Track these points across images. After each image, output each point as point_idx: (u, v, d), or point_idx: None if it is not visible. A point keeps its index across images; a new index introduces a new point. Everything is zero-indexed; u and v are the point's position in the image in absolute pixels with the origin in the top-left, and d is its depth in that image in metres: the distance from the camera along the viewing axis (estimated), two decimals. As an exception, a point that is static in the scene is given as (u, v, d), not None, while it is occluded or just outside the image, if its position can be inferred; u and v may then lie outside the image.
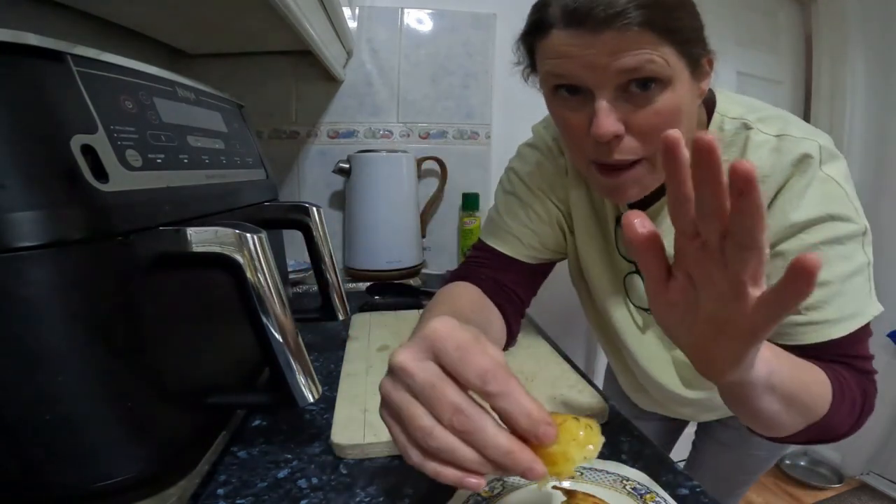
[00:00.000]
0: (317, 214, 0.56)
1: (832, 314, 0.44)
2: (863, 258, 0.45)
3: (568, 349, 0.70)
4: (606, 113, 0.41)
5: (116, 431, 0.30)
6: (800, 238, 0.45)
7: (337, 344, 0.68)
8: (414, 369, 0.26)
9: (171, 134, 0.38)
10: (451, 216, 1.25)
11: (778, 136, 0.46)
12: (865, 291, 0.45)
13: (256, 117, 0.89)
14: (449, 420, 0.25)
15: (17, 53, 0.26)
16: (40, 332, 0.27)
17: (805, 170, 0.45)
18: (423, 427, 0.25)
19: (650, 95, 0.41)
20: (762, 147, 0.47)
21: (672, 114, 0.42)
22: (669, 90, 0.41)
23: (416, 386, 0.26)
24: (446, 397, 0.25)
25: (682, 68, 0.42)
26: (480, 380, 0.25)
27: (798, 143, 0.45)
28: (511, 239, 0.62)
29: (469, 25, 1.16)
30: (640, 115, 0.42)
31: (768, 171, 0.46)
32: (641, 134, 0.43)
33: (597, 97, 0.42)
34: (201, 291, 0.40)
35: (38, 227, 0.26)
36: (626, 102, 0.42)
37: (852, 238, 0.44)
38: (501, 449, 0.25)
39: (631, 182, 0.46)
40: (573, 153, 0.50)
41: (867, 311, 0.45)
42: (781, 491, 1.59)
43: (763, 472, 0.79)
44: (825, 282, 0.44)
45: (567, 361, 0.61)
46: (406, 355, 0.27)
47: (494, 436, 0.25)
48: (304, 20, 0.66)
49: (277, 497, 0.38)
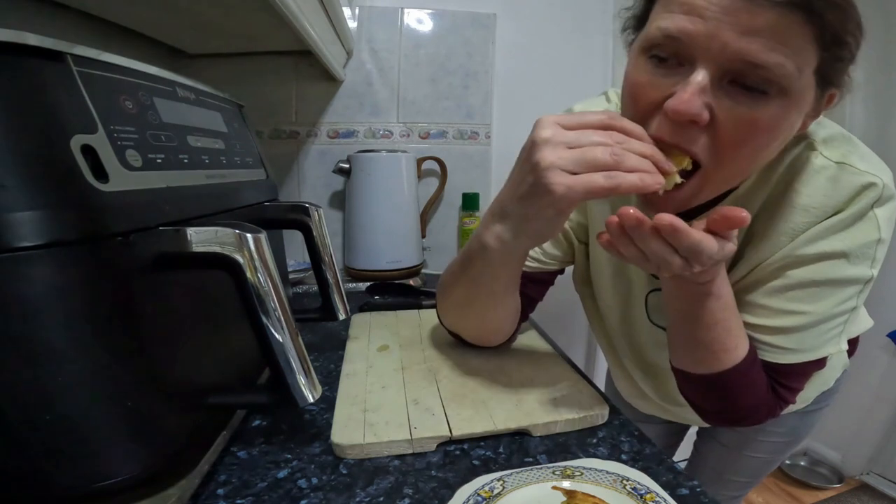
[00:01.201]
0: (317, 214, 0.56)
1: (793, 344, 0.45)
2: (852, 304, 0.44)
3: (568, 349, 0.70)
4: (698, 88, 0.34)
5: (116, 431, 0.30)
6: (810, 269, 0.43)
7: (337, 344, 0.68)
8: (570, 133, 0.36)
9: (171, 134, 0.38)
10: (451, 216, 1.26)
11: (839, 164, 0.42)
12: (836, 333, 0.45)
13: (256, 117, 0.89)
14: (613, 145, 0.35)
15: (17, 53, 0.26)
16: (40, 332, 0.27)
17: (857, 205, 0.41)
18: (605, 155, 0.35)
19: (758, 98, 0.34)
20: (820, 174, 0.42)
21: (768, 133, 0.36)
22: (782, 104, 0.35)
23: (578, 139, 0.36)
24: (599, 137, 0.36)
25: (809, 88, 0.35)
26: (602, 125, 0.36)
27: (858, 177, 0.41)
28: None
29: (469, 25, 1.16)
30: (733, 117, 0.35)
31: (821, 202, 0.42)
32: (719, 139, 0.36)
33: (698, 67, 0.34)
34: (201, 291, 0.40)
35: (38, 227, 0.26)
36: (726, 95, 0.35)
37: (854, 284, 0.43)
38: (648, 150, 0.36)
39: (677, 199, 0.40)
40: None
41: (825, 349, 0.46)
42: (781, 491, 1.59)
43: (765, 474, 0.79)
44: (806, 313, 0.44)
45: (567, 361, 0.61)
46: (550, 127, 0.37)
47: (640, 146, 0.36)
48: (304, 20, 0.66)
49: (277, 497, 0.38)
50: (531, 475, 0.39)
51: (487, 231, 0.44)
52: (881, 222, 0.42)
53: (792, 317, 0.44)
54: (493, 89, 1.20)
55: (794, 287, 0.44)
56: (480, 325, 0.58)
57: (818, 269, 0.43)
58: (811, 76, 0.35)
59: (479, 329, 0.59)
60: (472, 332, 0.60)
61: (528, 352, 0.64)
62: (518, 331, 0.65)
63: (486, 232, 0.44)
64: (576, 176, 0.35)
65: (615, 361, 0.72)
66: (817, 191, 0.42)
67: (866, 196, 0.41)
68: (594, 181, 0.34)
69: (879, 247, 0.42)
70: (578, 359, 1.41)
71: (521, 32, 1.19)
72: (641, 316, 0.60)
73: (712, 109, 0.35)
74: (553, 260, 0.61)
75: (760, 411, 0.47)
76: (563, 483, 0.38)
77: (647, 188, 0.34)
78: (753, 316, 0.46)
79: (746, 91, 0.34)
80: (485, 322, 0.57)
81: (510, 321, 0.58)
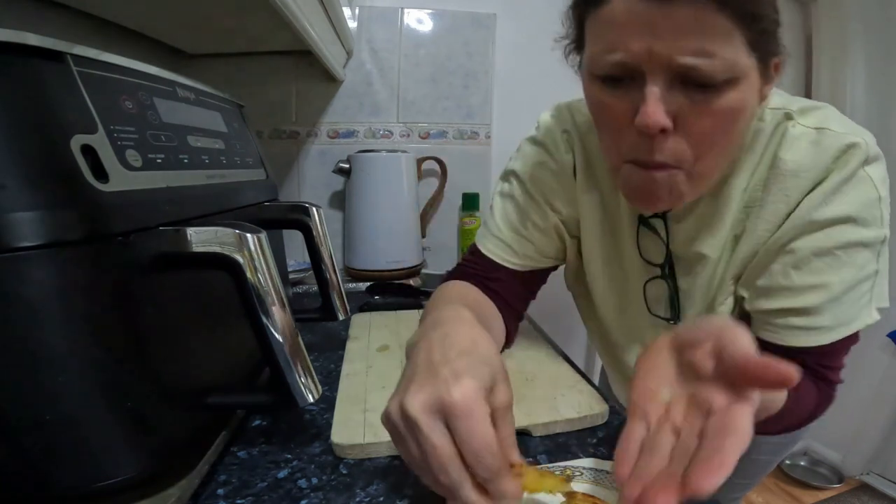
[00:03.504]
0: (317, 214, 0.56)
1: (828, 321, 0.44)
2: (873, 267, 0.43)
3: (568, 349, 0.70)
4: (657, 100, 0.36)
5: (116, 431, 0.30)
6: (816, 238, 0.43)
7: (337, 344, 0.68)
8: (425, 428, 0.29)
9: (171, 134, 0.38)
10: (451, 216, 1.26)
11: (817, 129, 0.43)
12: (866, 300, 0.44)
13: (256, 117, 0.89)
14: (435, 478, 0.29)
15: (17, 53, 0.26)
16: (40, 333, 0.27)
17: (845, 165, 0.42)
18: (424, 471, 0.30)
19: (710, 92, 0.36)
20: (800, 140, 0.44)
21: (731, 118, 0.38)
22: (734, 90, 0.36)
23: (422, 441, 0.29)
24: (441, 463, 0.28)
25: (752, 66, 0.37)
26: (474, 459, 0.28)
27: (839, 138, 0.42)
28: (504, 247, 0.59)
29: (469, 25, 1.16)
30: (695, 113, 0.37)
31: (806, 166, 0.43)
32: (691, 136, 0.38)
33: (648, 82, 0.36)
34: (201, 291, 0.40)
35: (38, 228, 0.26)
36: (682, 95, 0.37)
37: (869, 246, 0.43)
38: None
39: (665, 186, 0.41)
40: (607, 148, 0.45)
41: (860, 320, 0.45)
42: (781, 491, 1.59)
43: (764, 475, 0.79)
44: (829, 285, 0.43)
45: (567, 361, 0.61)
46: (419, 407, 0.29)
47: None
48: (305, 20, 0.66)
49: (277, 497, 0.38)
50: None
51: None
52: (876, 181, 0.42)
53: (816, 292, 0.43)
54: (493, 89, 1.20)
55: (809, 259, 0.43)
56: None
57: (828, 235, 0.42)
58: (748, 55, 0.36)
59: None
60: None
61: (528, 352, 0.64)
62: (517, 331, 0.65)
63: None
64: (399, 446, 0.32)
65: (612, 362, 0.71)
66: (802, 155, 0.43)
67: (852, 156, 0.41)
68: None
69: (882, 205, 0.42)
70: (578, 359, 1.41)
71: (521, 32, 1.19)
72: (640, 308, 0.58)
73: (677, 115, 0.37)
74: (546, 258, 0.61)
75: (820, 409, 0.47)
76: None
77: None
78: (779, 300, 0.45)
79: (698, 88, 0.36)
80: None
81: (500, 338, 0.58)
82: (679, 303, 0.55)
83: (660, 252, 0.54)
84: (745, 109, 0.38)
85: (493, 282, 0.60)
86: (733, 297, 0.51)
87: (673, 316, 0.55)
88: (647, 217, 0.53)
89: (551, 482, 0.32)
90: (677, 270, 0.54)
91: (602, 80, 0.40)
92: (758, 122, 0.46)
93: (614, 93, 0.39)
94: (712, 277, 0.51)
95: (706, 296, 0.53)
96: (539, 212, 0.59)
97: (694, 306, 0.54)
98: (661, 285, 0.55)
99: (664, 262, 0.54)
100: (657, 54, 0.35)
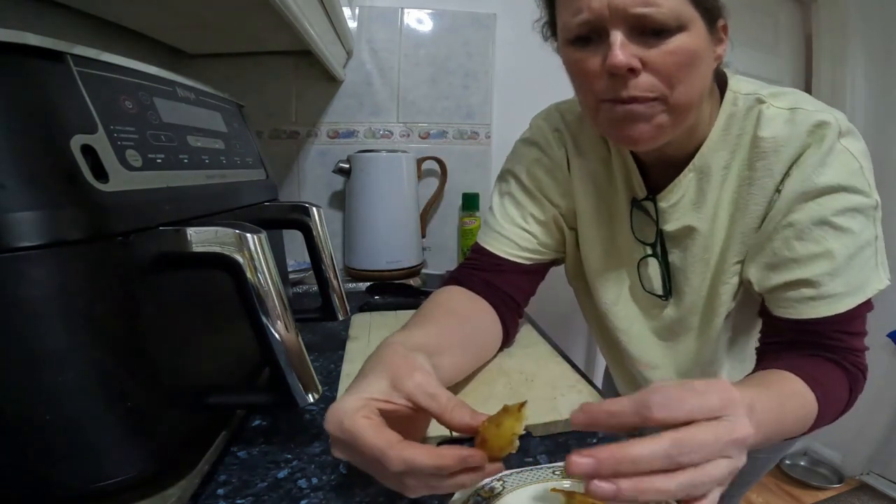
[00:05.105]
0: (317, 214, 0.56)
1: (840, 288, 0.45)
2: (871, 232, 0.45)
3: (568, 349, 0.70)
4: (621, 45, 0.42)
5: (116, 431, 0.30)
6: (810, 208, 0.45)
7: (337, 344, 0.68)
8: (335, 453, 0.33)
9: (171, 134, 0.38)
10: (451, 216, 1.25)
11: (790, 110, 0.47)
12: (872, 265, 0.46)
13: (256, 117, 0.89)
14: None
15: (17, 53, 0.26)
16: (40, 332, 0.27)
17: (822, 139, 0.45)
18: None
19: (664, 37, 0.42)
20: (775, 119, 0.47)
21: (688, 56, 0.43)
22: (685, 34, 0.42)
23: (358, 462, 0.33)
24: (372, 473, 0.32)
25: (696, 17, 0.43)
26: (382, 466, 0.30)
27: (811, 115, 0.46)
28: (506, 241, 0.61)
29: (469, 25, 1.16)
30: (655, 53, 0.43)
31: (784, 140, 0.46)
32: (657, 72, 0.43)
33: (611, 32, 0.42)
34: (201, 291, 0.40)
35: (38, 227, 0.26)
36: (642, 43, 0.43)
37: (863, 211, 0.45)
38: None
39: (644, 116, 0.45)
40: (585, 97, 0.49)
41: (872, 285, 0.46)
42: (781, 491, 1.59)
43: (763, 473, 0.79)
44: (833, 252, 0.44)
45: (567, 361, 0.61)
46: (336, 452, 0.33)
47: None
48: (305, 20, 0.66)
49: (277, 497, 0.38)
50: (531, 475, 0.38)
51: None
52: (854, 153, 0.45)
53: (821, 260, 0.45)
54: (492, 89, 1.20)
55: (808, 229, 0.45)
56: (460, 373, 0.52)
57: (821, 205, 0.44)
58: (692, 8, 0.43)
59: (463, 372, 0.53)
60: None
61: (528, 352, 0.64)
62: (517, 332, 0.65)
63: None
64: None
65: (614, 360, 0.72)
66: (778, 131, 0.47)
67: (826, 131, 0.45)
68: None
69: (866, 173, 0.45)
70: (578, 359, 1.41)
71: (521, 32, 1.19)
72: (636, 286, 0.61)
73: (641, 56, 0.43)
74: (548, 250, 0.63)
75: (854, 394, 0.48)
76: (563, 483, 0.38)
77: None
78: (787, 273, 0.46)
79: (654, 35, 0.42)
80: (461, 372, 0.52)
81: (490, 346, 0.58)
82: (670, 279, 0.58)
83: (652, 232, 0.57)
84: (699, 53, 0.44)
85: (497, 277, 0.61)
86: (738, 277, 0.53)
87: (665, 293, 0.58)
88: (639, 200, 0.57)
89: (508, 422, 0.32)
90: (668, 247, 0.57)
91: (573, 42, 0.46)
92: (731, 107, 0.51)
93: (585, 50, 0.45)
94: (706, 252, 0.54)
95: (703, 273, 0.55)
96: (538, 206, 0.62)
97: (690, 283, 0.56)
98: (654, 263, 0.58)
99: (655, 241, 0.57)
100: (614, 8, 0.41)
